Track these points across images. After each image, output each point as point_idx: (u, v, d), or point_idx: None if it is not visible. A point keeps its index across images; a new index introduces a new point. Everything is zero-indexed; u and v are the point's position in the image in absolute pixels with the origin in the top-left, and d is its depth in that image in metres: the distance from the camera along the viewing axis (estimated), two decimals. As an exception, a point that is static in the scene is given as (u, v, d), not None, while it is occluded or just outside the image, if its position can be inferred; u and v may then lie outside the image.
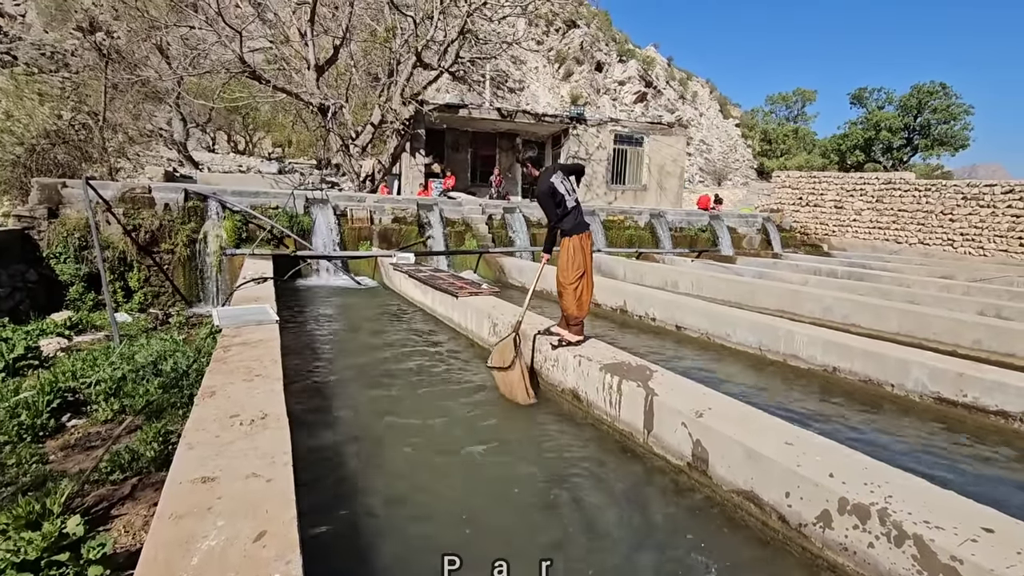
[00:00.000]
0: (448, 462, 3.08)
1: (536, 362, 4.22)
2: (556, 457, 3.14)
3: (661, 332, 6.29)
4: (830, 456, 2.30)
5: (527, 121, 16.35)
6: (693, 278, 8.92)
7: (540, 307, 6.76)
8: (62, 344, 6.91)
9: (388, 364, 4.94)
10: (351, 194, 12.14)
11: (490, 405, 3.96)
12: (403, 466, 3.05)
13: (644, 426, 3.03)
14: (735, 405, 2.81)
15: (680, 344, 5.81)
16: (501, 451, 3.21)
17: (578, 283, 4.23)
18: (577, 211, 4.33)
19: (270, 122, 28.58)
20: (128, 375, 5.67)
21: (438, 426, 3.53)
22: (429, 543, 2.37)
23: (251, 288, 6.07)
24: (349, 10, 13.67)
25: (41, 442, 4.54)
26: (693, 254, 14.78)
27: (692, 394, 2.98)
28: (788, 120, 53.07)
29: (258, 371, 3.12)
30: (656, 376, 3.26)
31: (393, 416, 3.69)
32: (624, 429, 3.22)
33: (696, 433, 2.66)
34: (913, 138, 43.11)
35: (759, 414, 2.71)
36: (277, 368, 3.18)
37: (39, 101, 14.54)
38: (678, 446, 2.79)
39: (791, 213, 18.61)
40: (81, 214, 8.92)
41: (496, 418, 3.73)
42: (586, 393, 3.54)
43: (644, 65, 39.02)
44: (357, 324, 6.70)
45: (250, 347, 3.63)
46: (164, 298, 9.44)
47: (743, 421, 2.63)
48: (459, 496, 2.73)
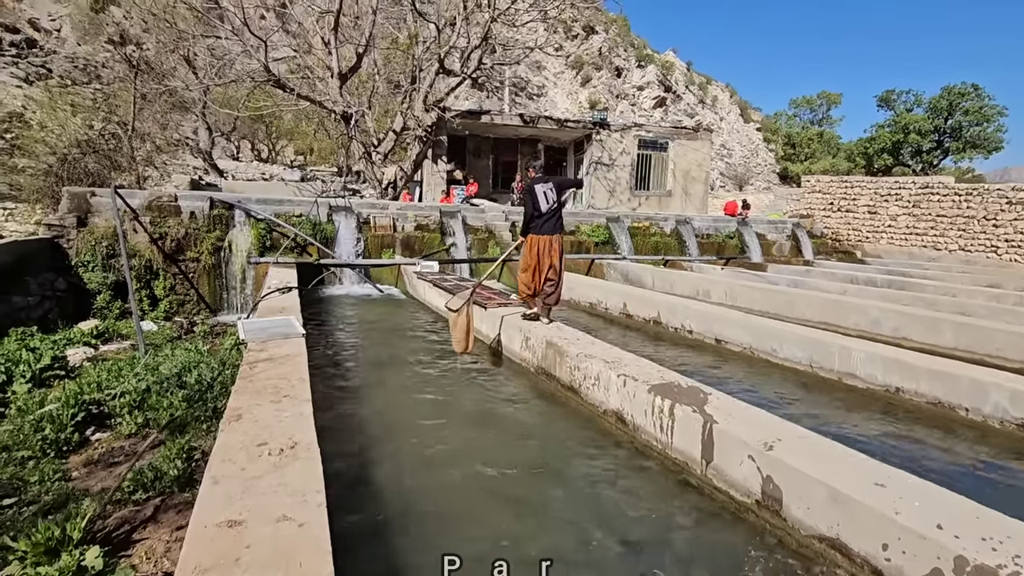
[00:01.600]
0: (494, 491, 2.86)
1: (574, 380, 3.97)
2: (607, 486, 2.89)
3: (698, 346, 5.98)
4: (931, 501, 2.02)
5: (549, 127, 16.16)
6: (726, 287, 8.58)
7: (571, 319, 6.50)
8: (88, 354, 6.88)
9: (416, 380, 4.74)
10: (374, 201, 12.07)
11: (530, 426, 3.74)
12: (446, 499, 2.82)
13: (702, 456, 2.76)
14: (809, 437, 2.53)
15: (720, 359, 5.50)
16: (552, 480, 2.97)
17: (525, 274, 5.17)
18: (547, 218, 5.03)
19: (293, 130, 28.91)
20: (152, 387, 5.59)
21: (476, 451, 3.31)
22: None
23: (276, 298, 5.94)
24: (372, 18, 13.67)
25: (65, 457, 4.44)
26: (721, 261, 14.38)
27: (756, 422, 2.71)
28: (812, 123, 52.10)
29: (286, 391, 2.93)
30: (712, 400, 2.99)
31: (430, 442, 3.48)
32: (677, 458, 2.96)
33: (766, 468, 2.39)
34: (944, 141, 41.88)
35: (838, 448, 2.42)
36: (305, 388, 2.99)
37: (72, 112, 14.88)
38: (744, 481, 2.51)
39: (822, 219, 18.04)
40: (109, 223, 8.96)
41: (536, 437, 3.50)
42: (632, 416, 3.28)
43: (663, 70, 38.70)
44: (382, 335, 6.54)
45: (277, 363, 3.46)
46: (189, 306, 9.43)
47: (820, 455, 2.35)
48: (510, 529, 2.49)
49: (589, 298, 8.20)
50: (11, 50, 26.49)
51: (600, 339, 4.65)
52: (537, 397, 4.30)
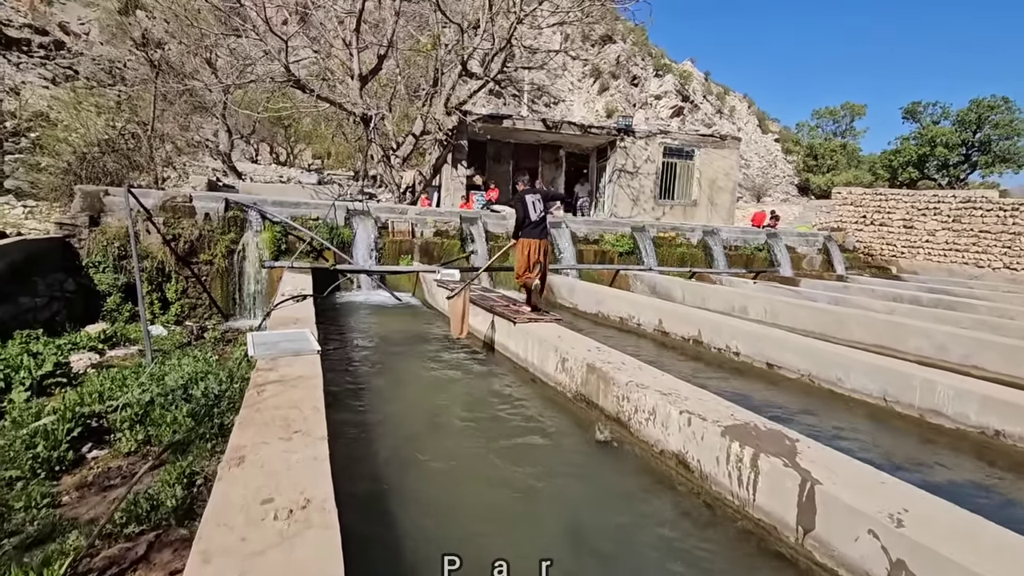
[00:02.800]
0: (536, 541, 2.38)
1: (622, 412, 3.49)
2: (669, 549, 2.40)
3: (746, 370, 5.45)
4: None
5: (572, 132, 15.72)
6: (765, 304, 8.02)
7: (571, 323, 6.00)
8: (93, 360, 6.55)
9: (440, 405, 4.29)
10: (392, 206, 11.71)
11: (571, 465, 3.26)
12: (472, 545, 2.36)
13: (798, 522, 2.27)
14: (953, 511, 2.02)
15: (773, 387, 4.97)
16: (601, 536, 2.49)
17: (525, 271, 5.65)
18: (535, 224, 5.65)
19: (311, 134, 28.95)
20: (157, 399, 5.21)
21: (511, 503, 2.84)
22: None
23: (289, 307, 5.55)
24: (394, 19, 13.40)
25: (57, 478, 4.05)
26: (751, 275, 13.78)
27: (868, 483, 2.21)
28: (835, 135, 51.15)
29: (297, 424, 2.50)
30: (803, 450, 2.49)
31: (450, 481, 3.02)
32: (762, 520, 2.46)
33: (897, 550, 1.89)
34: (971, 154, 40.75)
35: (994, 528, 1.91)
36: (320, 420, 2.56)
37: (96, 113, 14.86)
38: (862, 562, 2.02)
39: (853, 232, 17.33)
40: (122, 223, 8.69)
41: (577, 477, 3.02)
42: (699, 462, 2.79)
43: (681, 79, 38.39)
44: (400, 349, 6.10)
45: (288, 386, 3.03)
46: (201, 310, 9.12)
47: (975, 538, 1.85)
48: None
49: (619, 312, 7.69)
50: (39, 51, 26.89)
51: (614, 349, 4.17)
52: (576, 427, 3.82)
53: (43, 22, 29.17)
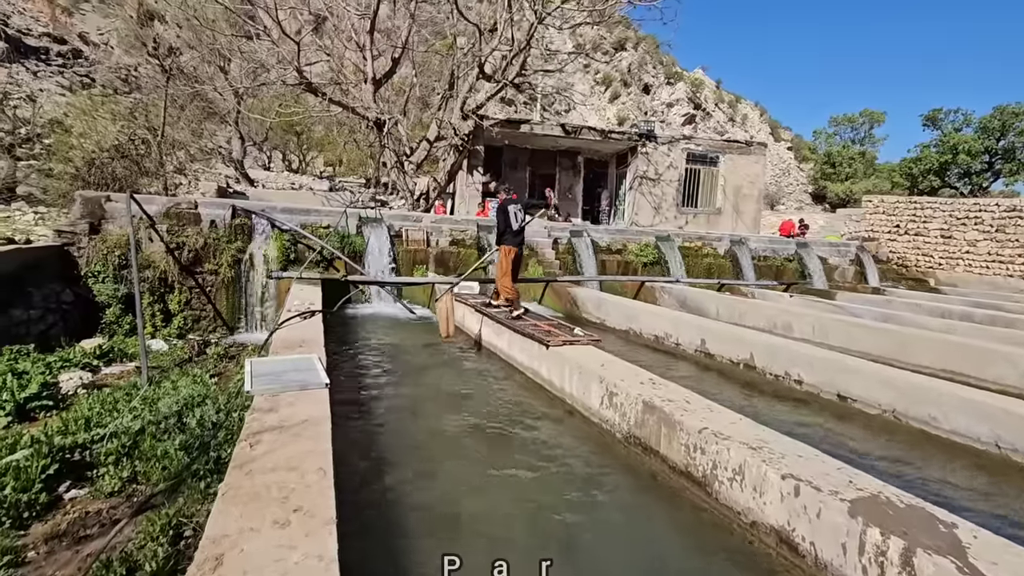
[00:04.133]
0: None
1: (694, 466, 2.86)
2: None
3: (813, 402, 4.77)
4: None
5: (592, 138, 15.16)
6: (813, 321, 7.33)
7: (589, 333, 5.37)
8: (85, 379, 6.02)
9: (464, 442, 3.68)
10: (406, 213, 11.20)
11: (632, 532, 2.64)
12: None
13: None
14: None
15: (850, 424, 4.28)
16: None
17: (505, 277, 6.31)
18: (517, 232, 6.35)
19: (323, 141, 28.81)
20: (148, 428, 4.67)
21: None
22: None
23: (296, 325, 4.99)
24: (409, 21, 12.97)
25: (25, 526, 3.49)
26: (781, 287, 13.06)
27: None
28: (854, 142, 50.24)
29: (298, 499, 1.91)
30: (971, 542, 1.85)
31: (473, 547, 2.41)
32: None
33: None
34: (995, 162, 39.68)
35: None
36: (327, 493, 1.97)
37: (111, 120, 14.68)
38: None
39: (886, 242, 16.54)
40: (124, 230, 8.23)
41: (635, 549, 2.41)
42: (814, 547, 2.15)
43: (692, 87, 38.11)
44: (417, 375, 5.50)
45: (290, 436, 2.45)
46: (205, 323, 8.63)
47: None
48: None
49: (654, 329, 7.05)
50: (57, 60, 27.03)
51: (673, 382, 3.54)
52: (628, 477, 3.21)
53: (63, 32, 29.41)
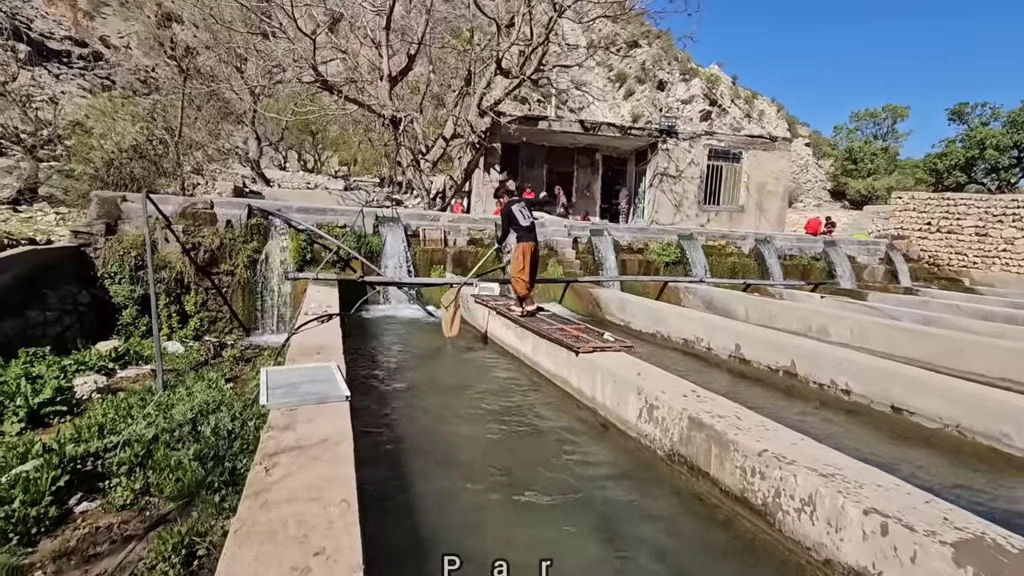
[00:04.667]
0: None
1: (752, 492, 2.57)
2: None
3: (863, 414, 4.42)
4: None
5: (611, 134, 14.82)
6: (852, 324, 6.95)
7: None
8: (100, 383, 5.90)
9: (494, 465, 3.43)
10: (423, 212, 10.99)
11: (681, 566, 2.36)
12: None
13: None
14: None
15: (906, 439, 3.93)
16: None
17: (521, 273, 6.17)
18: (528, 229, 6.23)
19: (338, 140, 28.88)
20: (162, 436, 4.51)
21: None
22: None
23: (313, 329, 4.79)
24: (425, 16, 12.76)
25: (33, 543, 3.33)
26: (809, 287, 12.62)
27: None
28: (876, 138, 49.08)
29: (319, 537, 1.68)
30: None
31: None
32: None
33: None
34: (1023, 157, 38.43)
35: None
36: (352, 531, 1.73)
37: (131, 121, 14.80)
38: None
39: (917, 240, 15.94)
40: (140, 230, 8.14)
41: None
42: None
43: (708, 83, 37.54)
44: (437, 382, 5.26)
45: (308, 458, 2.23)
46: (221, 324, 8.51)
47: None
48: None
49: (683, 333, 6.73)
50: (79, 63, 27.42)
51: (719, 396, 3.25)
52: (672, 500, 2.93)
53: (85, 35, 29.88)
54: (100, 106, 16.38)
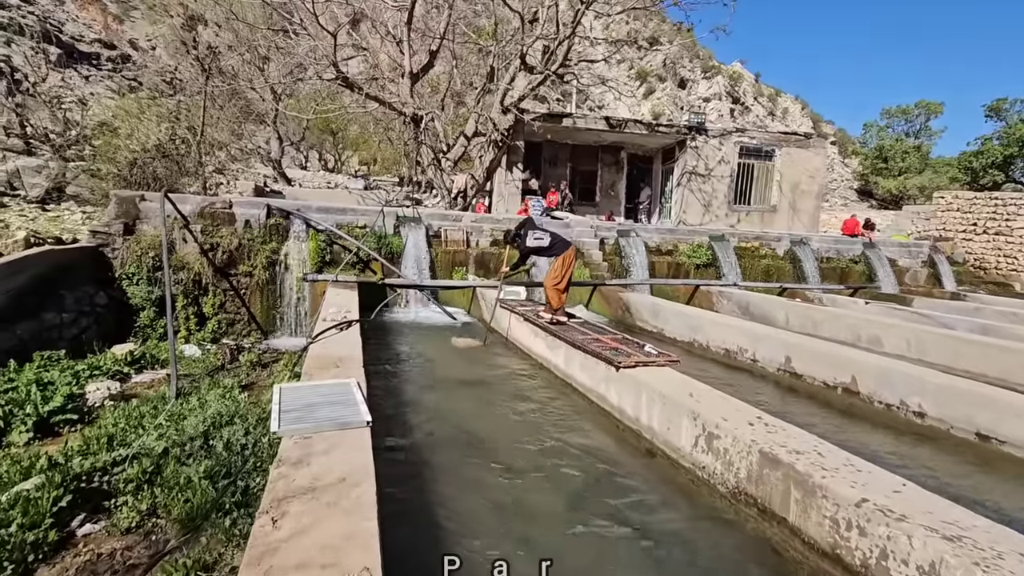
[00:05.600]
0: None
1: (848, 549, 2.15)
2: None
3: (941, 440, 3.92)
4: None
5: (637, 132, 14.31)
6: (907, 334, 6.41)
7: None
8: (113, 389, 5.69)
9: (529, 499, 3.06)
10: (444, 212, 10.67)
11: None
12: None
13: None
14: None
15: (1000, 476, 3.45)
16: None
17: (558, 284, 5.87)
18: (555, 243, 5.97)
19: (357, 140, 28.94)
20: (172, 450, 4.25)
21: None
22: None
23: (332, 338, 4.48)
24: (448, 12, 12.45)
25: (30, 571, 3.07)
26: (848, 291, 11.99)
27: None
28: (908, 135, 47.49)
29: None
30: None
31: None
32: None
33: None
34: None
35: None
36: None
37: (156, 122, 14.89)
38: None
39: (961, 242, 15.10)
40: (158, 231, 7.97)
41: None
42: None
43: (731, 81, 36.79)
44: (462, 395, 4.90)
45: (323, 505, 1.88)
46: (239, 326, 8.31)
47: None
48: None
49: (723, 343, 6.27)
50: (107, 65, 27.92)
51: (791, 424, 2.83)
52: (740, 548, 2.52)
53: (115, 38, 30.46)
54: (126, 107, 16.52)
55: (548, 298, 6.01)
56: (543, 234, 6.04)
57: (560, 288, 5.89)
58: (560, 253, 5.93)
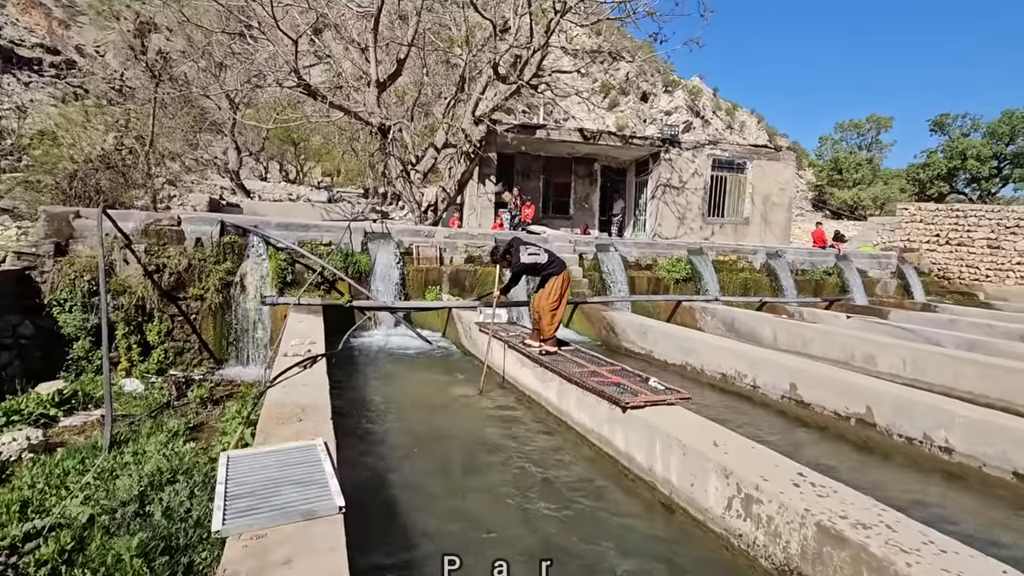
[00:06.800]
0: None
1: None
2: None
3: (970, 478, 3.62)
4: None
5: (612, 143, 14.12)
6: (903, 353, 6.22)
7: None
8: (34, 438, 4.86)
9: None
10: (416, 227, 10.10)
11: None
12: None
13: None
14: None
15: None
16: None
17: (555, 310, 5.42)
18: (553, 260, 5.62)
19: (320, 151, 28.02)
20: (99, 518, 3.57)
21: None
22: None
23: (293, 379, 3.86)
24: (416, 19, 11.97)
25: None
26: (823, 303, 12.00)
27: None
28: (860, 148, 49.66)
29: None
30: None
31: None
32: None
33: None
34: (1003, 167, 39.06)
35: None
36: None
37: (104, 131, 13.87)
38: None
39: (926, 252, 15.48)
40: (96, 251, 7.12)
41: None
42: None
43: (691, 95, 37.99)
44: (443, 440, 4.34)
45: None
46: (189, 355, 7.51)
47: None
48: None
49: (719, 367, 5.92)
50: (50, 71, 26.19)
51: (901, 514, 2.45)
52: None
53: (59, 44, 28.69)
54: (70, 115, 15.36)
55: (540, 323, 5.42)
56: (538, 250, 5.59)
57: (558, 312, 5.39)
58: (559, 272, 5.47)
